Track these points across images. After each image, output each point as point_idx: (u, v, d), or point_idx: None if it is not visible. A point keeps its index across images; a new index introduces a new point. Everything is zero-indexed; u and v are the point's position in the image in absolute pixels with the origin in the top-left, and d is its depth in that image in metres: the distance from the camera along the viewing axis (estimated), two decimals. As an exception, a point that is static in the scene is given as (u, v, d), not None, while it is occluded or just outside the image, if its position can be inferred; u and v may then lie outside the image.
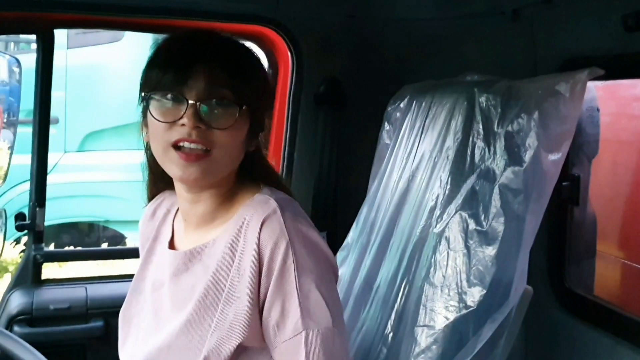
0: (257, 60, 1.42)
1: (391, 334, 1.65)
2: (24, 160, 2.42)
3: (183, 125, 1.26)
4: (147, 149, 1.42)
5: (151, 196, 1.57)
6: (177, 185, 1.40)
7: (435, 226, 1.65)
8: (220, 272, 1.31)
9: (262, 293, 1.27)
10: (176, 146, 1.28)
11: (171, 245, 1.46)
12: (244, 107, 1.29)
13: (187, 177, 1.30)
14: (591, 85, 1.94)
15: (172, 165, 1.30)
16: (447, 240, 1.60)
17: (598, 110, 2.02)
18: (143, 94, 1.33)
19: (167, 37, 1.38)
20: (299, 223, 1.30)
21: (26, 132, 2.44)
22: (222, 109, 1.28)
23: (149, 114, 1.31)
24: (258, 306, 1.27)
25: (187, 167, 1.28)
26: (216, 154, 1.28)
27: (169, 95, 1.28)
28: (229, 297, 1.28)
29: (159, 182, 1.51)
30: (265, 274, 1.27)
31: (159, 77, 1.30)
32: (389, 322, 1.68)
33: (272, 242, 1.26)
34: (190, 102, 1.26)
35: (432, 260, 1.61)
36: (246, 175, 1.41)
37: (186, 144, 1.27)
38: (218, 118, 1.28)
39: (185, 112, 1.26)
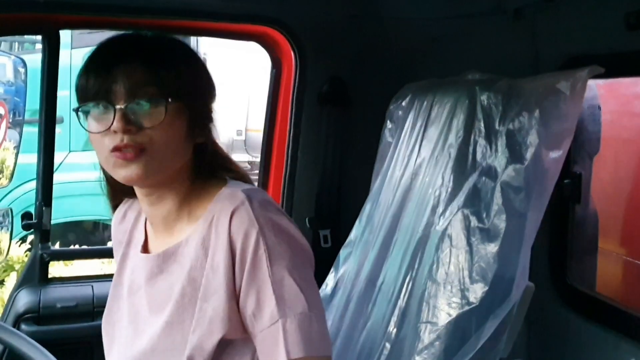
0: (184, 50, 1.37)
1: (394, 331, 1.67)
2: (30, 159, 2.43)
3: (114, 131, 1.25)
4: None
5: (114, 205, 1.56)
6: (136, 189, 1.39)
7: (438, 224, 1.66)
8: (194, 270, 1.31)
9: (238, 284, 1.26)
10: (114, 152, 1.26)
11: (145, 249, 1.44)
12: (170, 101, 1.26)
13: (131, 176, 1.27)
14: (592, 83, 1.95)
15: (114, 169, 1.28)
16: (450, 237, 1.61)
17: (599, 108, 2.03)
18: (78, 108, 1.31)
19: (94, 47, 1.35)
20: (267, 211, 1.28)
21: (32, 132, 2.46)
22: (149, 106, 1.25)
23: (83, 126, 1.30)
24: (235, 298, 1.27)
25: (128, 166, 1.26)
26: (153, 151, 1.26)
27: (98, 105, 1.27)
28: (206, 294, 1.28)
29: (118, 192, 1.50)
30: (239, 266, 1.26)
31: (84, 87, 1.29)
32: (392, 319, 1.69)
33: (242, 232, 1.25)
34: (117, 107, 1.24)
35: (435, 257, 1.63)
36: (206, 171, 1.38)
37: (121, 149, 1.25)
38: (146, 117, 1.25)
39: (114, 118, 1.24)
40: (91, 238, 5.96)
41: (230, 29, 2.43)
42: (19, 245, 4.94)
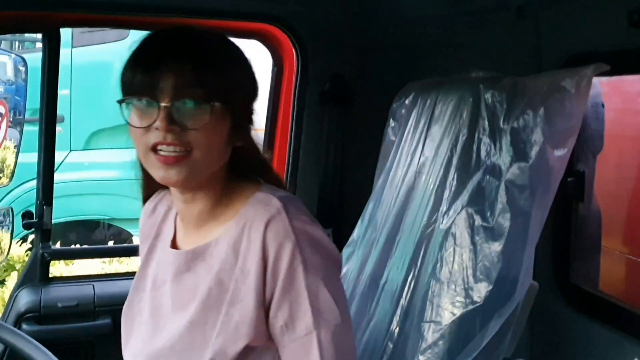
0: (234, 51, 1.35)
1: (398, 330, 1.66)
2: (31, 158, 2.43)
3: (157, 128, 1.23)
4: None
5: (146, 196, 1.56)
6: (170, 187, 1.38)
7: (442, 222, 1.65)
8: (223, 272, 1.30)
9: (268, 293, 1.26)
10: (155, 149, 1.25)
11: (173, 244, 1.43)
12: (215, 104, 1.24)
13: (169, 180, 1.27)
14: (596, 81, 1.94)
15: (153, 168, 1.27)
16: (454, 236, 1.60)
17: (603, 105, 2.02)
18: (122, 101, 1.29)
19: (141, 38, 1.31)
20: (303, 222, 1.29)
21: (32, 131, 2.45)
22: (193, 108, 1.24)
23: (125, 120, 1.28)
24: (264, 306, 1.26)
25: (168, 170, 1.25)
26: (196, 154, 1.25)
27: (142, 100, 1.25)
28: (234, 299, 1.27)
29: (151, 182, 1.45)
30: (271, 275, 1.26)
31: (129, 81, 1.27)
32: (396, 318, 1.68)
33: (278, 242, 1.25)
34: (162, 104, 1.22)
35: (439, 256, 1.62)
36: (240, 172, 1.38)
37: (163, 147, 1.23)
38: (191, 118, 1.23)
39: (158, 115, 1.22)
40: (92, 238, 5.96)
41: (231, 27, 2.41)
42: (20, 245, 4.93)
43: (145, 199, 1.56)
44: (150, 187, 1.51)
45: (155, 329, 1.38)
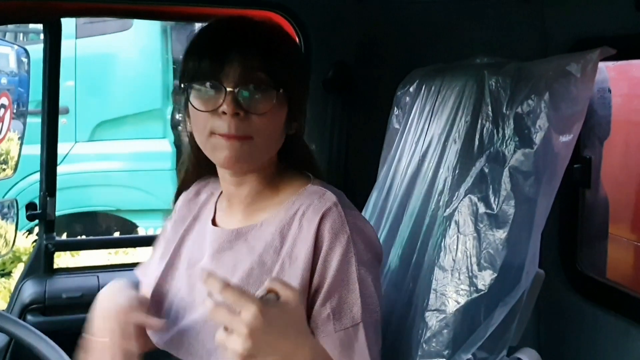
0: (293, 42, 1.44)
1: (401, 319, 1.65)
2: (34, 150, 2.43)
3: (224, 112, 1.28)
4: (191, 136, 1.44)
5: (189, 181, 1.59)
6: (221, 169, 1.43)
7: (445, 210, 1.63)
8: (266, 254, 1.34)
9: (316, 281, 1.30)
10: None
11: (214, 223, 1.48)
12: (280, 91, 1.30)
13: (232, 159, 1.31)
14: (602, 65, 1.92)
15: (215, 150, 1.32)
16: (457, 223, 1.59)
17: (609, 91, 1.99)
18: (182, 85, 1.35)
19: (203, 27, 1.39)
20: (355, 218, 1.35)
21: (36, 123, 2.45)
22: (259, 93, 1.29)
23: (190, 104, 1.33)
24: (306, 292, 1.30)
25: (231, 149, 1.29)
26: (257, 140, 1.30)
27: (207, 84, 1.30)
28: None
29: (202, 167, 1.53)
30: (322, 263, 1.30)
31: (195, 67, 1.31)
32: (399, 307, 1.67)
33: (333, 234, 1.30)
34: (229, 89, 1.27)
35: (442, 244, 1.60)
36: (290, 161, 1.44)
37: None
38: (256, 103, 1.29)
39: (224, 99, 1.27)
40: (98, 229, 5.97)
41: (231, 14, 2.39)
42: (26, 237, 4.95)
43: (183, 188, 1.60)
44: (198, 171, 1.56)
45: (191, 306, 1.42)
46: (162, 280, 1.50)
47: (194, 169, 1.56)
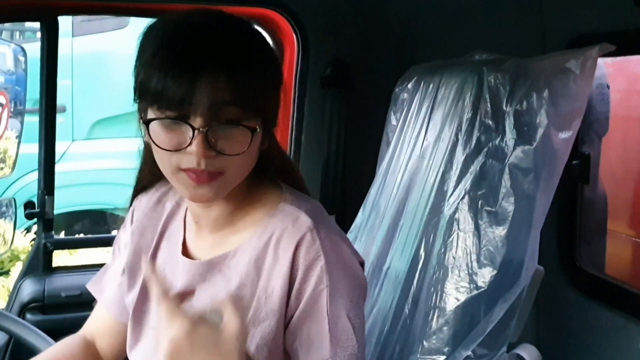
0: (266, 47, 1.22)
1: (402, 316, 1.65)
2: (32, 149, 2.42)
3: (190, 153, 1.11)
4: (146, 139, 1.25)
5: (141, 188, 1.44)
6: None
7: (445, 207, 1.64)
8: (243, 287, 1.23)
9: (289, 314, 1.21)
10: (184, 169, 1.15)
11: (184, 250, 1.33)
12: (257, 129, 1.14)
13: (199, 199, 1.19)
14: (601, 62, 1.92)
15: (180, 186, 1.18)
16: (457, 221, 1.59)
17: (608, 87, 1.99)
18: (139, 102, 1.17)
19: (166, 24, 1.18)
20: (333, 242, 1.22)
21: (33, 122, 2.45)
22: (234, 132, 1.12)
23: (147, 135, 1.16)
24: (284, 325, 1.21)
25: (198, 189, 1.16)
26: (230, 174, 1.16)
27: (172, 119, 1.11)
28: (255, 318, 1.21)
29: (152, 174, 1.38)
30: (295, 295, 1.20)
31: (157, 90, 1.11)
32: (399, 304, 1.67)
33: (307, 263, 1.19)
34: (198, 128, 1.10)
35: (442, 241, 1.61)
36: (263, 174, 1.29)
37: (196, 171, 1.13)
38: (230, 143, 1.12)
39: (192, 138, 1.10)
40: (96, 228, 5.96)
41: (230, 12, 2.39)
42: (25, 235, 4.94)
43: (139, 191, 1.46)
44: (154, 175, 1.38)
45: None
46: (139, 304, 1.37)
47: (149, 172, 1.39)
